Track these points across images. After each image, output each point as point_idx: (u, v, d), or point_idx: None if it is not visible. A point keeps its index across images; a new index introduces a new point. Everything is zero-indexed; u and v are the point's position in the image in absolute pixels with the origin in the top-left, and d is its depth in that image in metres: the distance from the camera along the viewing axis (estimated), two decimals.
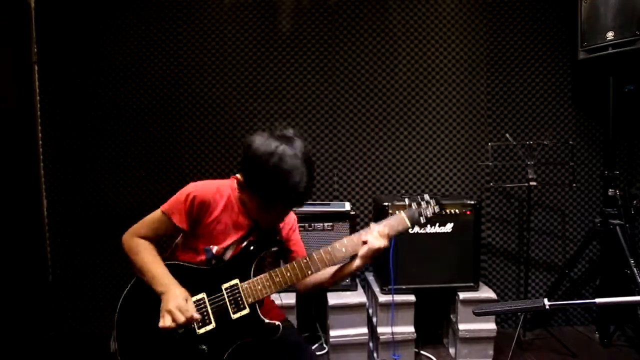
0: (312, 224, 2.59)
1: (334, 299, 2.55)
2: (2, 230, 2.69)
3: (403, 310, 2.55)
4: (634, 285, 2.47)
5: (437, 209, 1.54)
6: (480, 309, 1.18)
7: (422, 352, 2.71)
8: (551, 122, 3.08)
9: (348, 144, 3.05)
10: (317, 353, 2.71)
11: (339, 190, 3.05)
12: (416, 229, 2.57)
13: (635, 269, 2.47)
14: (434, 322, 2.93)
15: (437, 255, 2.59)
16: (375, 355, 2.61)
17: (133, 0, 2.95)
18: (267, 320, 1.36)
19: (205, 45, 2.98)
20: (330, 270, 1.47)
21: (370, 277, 2.90)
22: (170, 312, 1.27)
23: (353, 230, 2.67)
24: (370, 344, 2.69)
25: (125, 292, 1.38)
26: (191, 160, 3.00)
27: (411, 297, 2.56)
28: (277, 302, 2.49)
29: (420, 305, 2.59)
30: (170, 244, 1.58)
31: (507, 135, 3.00)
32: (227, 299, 1.34)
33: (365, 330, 2.54)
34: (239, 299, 1.35)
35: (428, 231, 2.58)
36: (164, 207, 1.41)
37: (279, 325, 1.36)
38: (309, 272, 1.37)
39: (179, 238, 1.53)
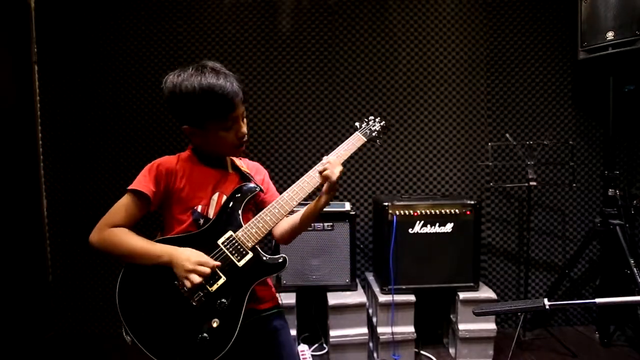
0: (312, 224, 2.58)
1: (334, 299, 2.55)
2: (2, 230, 2.69)
3: (403, 310, 2.55)
4: (634, 285, 2.47)
5: (383, 123, 1.64)
6: (480, 309, 1.18)
7: (422, 352, 2.71)
8: (551, 122, 3.08)
9: None
10: (317, 353, 2.72)
11: (339, 190, 3.05)
12: (416, 229, 2.57)
13: (635, 269, 2.47)
14: (434, 322, 2.93)
15: (437, 255, 2.59)
16: (375, 355, 2.61)
17: (133, 0, 2.96)
18: (271, 256, 1.39)
19: (205, 45, 2.99)
20: (301, 211, 1.49)
21: (370, 277, 2.90)
22: (193, 271, 1.27)
23: (353, 230, 2.67)
24: (370, 344, 2.69)
25: (119, 281, 1.34)
26: None
27: (411, 297, 2.56)
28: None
29: (420, 305, 2.59)
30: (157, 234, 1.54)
31: (507, 135, 3.00)
32: (227, 252, 1.35)
33: (365, 330, 2.54)
34: (239, 247, 1.36)
35: (428, 231, 2.58)
36: (130, 186, 1.38)
37: (284, 258, 1.39)
38: (293, 202, 1.40)
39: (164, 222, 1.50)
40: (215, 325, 1.30)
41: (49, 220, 3.04)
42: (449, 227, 2.59)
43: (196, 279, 1.27)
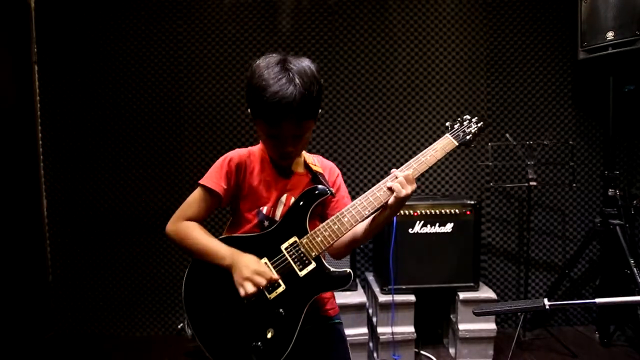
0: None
1: None
2: (2, 230, 2.69)
3: (403, 310, 2.55)
4: (634, 285, 2.47)
5: (481, 124, 1.48)
6: (480, 309, 1.18)
7: (422, 352, 2.71)
8: (551, 122, 3.08)
9: (348, 144, 3.05)
10: None
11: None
12: (416, 229, 2.57)
13: (635, 269, 2.47)
14: (434, 322, 2.93)
15: (437, 255, 2.59)
16: (375, 355, 2.61)
17: (133, 0, 2.96)
18: (335, 269, 1.31)
19: (205, 45, 2.99)
20: (364, 223, 1.39)
21: (370, 277, 2.90)
22: (249, 279, 1.23)
23: None
24: (370, 344, 2.69)
25: (186, 275, 1.33)
26: (191, 160, 3.00)
27: (411, 297, 2.56)
28: None
29: (420, 305, 2.59)
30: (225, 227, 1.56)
31: (507, 135, 3.00)
32: (289, 259, 1.29)
33: (365, 330, 2.54)
34: (302, 255, 1.29)
35: (428, 231, 2.58)
36: (202, 180, 1.35)
37: (349, 272, 1.32)
38: (366, 212, 1.31)
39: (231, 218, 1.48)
40: (269, 335, 1.26)
41: (49, 220, 3.04)
42: (449, 227, 2.59)
43: (250, 288, 1.23)
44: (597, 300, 1.05)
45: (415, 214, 2.58)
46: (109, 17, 2.96)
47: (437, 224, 2.59)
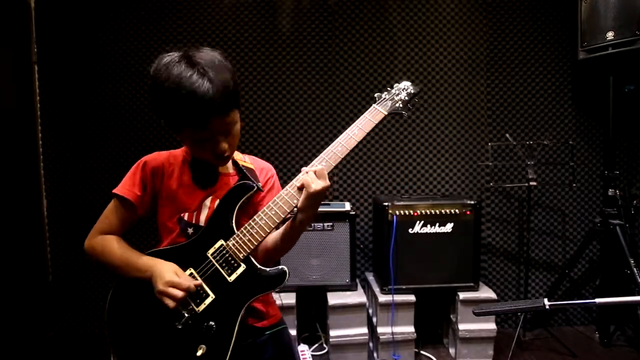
0: (312, 224, 2.59)
1: (334, 299, 2.55)
2: (2, 230, 2.69)
3: (403, 310, 2.55)
4: (634, 285, 2.47)
5: (411, 90, 1.35)
6: (480, 309, 1.18)
7: (422, 352, 2.71)
8: (551, 122, 3.08)
9: None
10: (317, 353, 2.71)
11: (339, 190, 3.05)
12: (416, 229, 2.57)
13: (635, 269, 2.47)
14: (434, 322, 2.93)
15: (437, 255, 2.59)
16: (375, 355, 2.61)
17: (133, 0, 2.95)
18: (268, 268, 1.18)
19: (205, 45, 2.98)
20: (281, 230, 1.26)
21: (370, 277, 2.90)
22: (163, 293, 1.12)
23: (353, 230, 2.67)
24: (370, 344, 2.69)
25: (109, 299, 1.22)
26: None
27: (411, 297, 2.56)
28: (277, 302, 2.49)
29: (420, 305, 2.59)
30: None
31: (507, 135, 3.00)
32: (217, 264, 1.18)
33: (365, 330, 2.54)
34: (230, 258, 1.17)
35: (428, 231, 2.58)
36: (116, 189, 1.26)
37: (284, 269, 1.17)
38: (294, 201, 1.17)
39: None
40: (200, 352, 1.13)
41: (49, 220, 3.04)
42: (449, 227, 2.59)
43: (169, 303, 1.11)
44: (597, 300, 1.05)
45: (415, 214, 2.58)
46: (109, 17, 2.96)
47: (437, 224, 2.59)
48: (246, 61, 3.00)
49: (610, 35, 2.60)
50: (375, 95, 1.35)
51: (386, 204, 2.57)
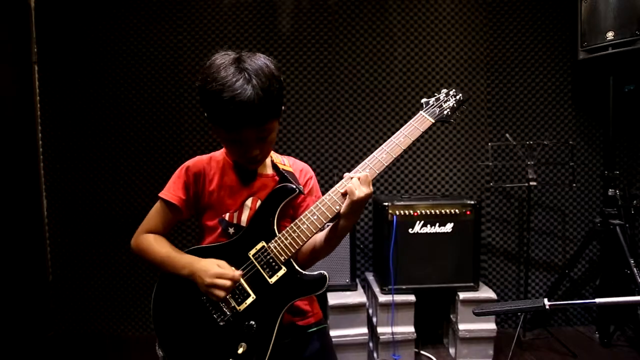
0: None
1: (334, 299, 2.55)
2: (2, 230, 2.69)
3: (403, 310, 2.55)
4: (634, 285, 2.47)
5: (459, 97, 1.31)
6: (480, 309, 1.18)
7: (422, 352, 2.71)
8: (551, 122, 3.08)
9: (348, 144, 3.05)
10: None
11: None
12: (416, 229, 2.57)
13: (635, 269, 2.47)
14: (434, 322, 2.93)
15: (437, 255, 2.59)
16: (375, 355, 2.61)
17: (133, 0, 2.96)
18: (308, 272, 1.22)
19: (205, 45, 2.98)
20: (322, 234, 1.30)
21: (370, 277, 2.90)
22: (211, 285, 1.16)
23: (353, 230, 2.67)
24: (370, 344, 2.69)
25: (154, 291, 1.27)
26: None
27: (411, 297, 2.56)
28: None
29: (420, 305, 2.59)
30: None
31: (507, 135, 3.00)
32: (258, 265, 1.21)
33: (365, 330, 2.54)
34: (271, 260, 1.20)
35: (428, 231, 2.58)
36: (162, 192, 1.31)
37: (324, 274, 1.20)
38: (337, 207, 1.20)
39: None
40: (241, 350, 1.17)
41: (49, 220, 3.04)
42: (449, 227, 2.59)
43: (220, 293, 1.16)
44: (597, 300, 1.05)
45: (415, 214, 2.58)
46: (109, 17, 2.96)
47: (437, 224, 2.59)
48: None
49: (610, 35, 2.60)
50: (422, 101, 1.33)
51: (386, 204, 2.57)
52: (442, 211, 2.58)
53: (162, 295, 1.27)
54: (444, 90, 1.33)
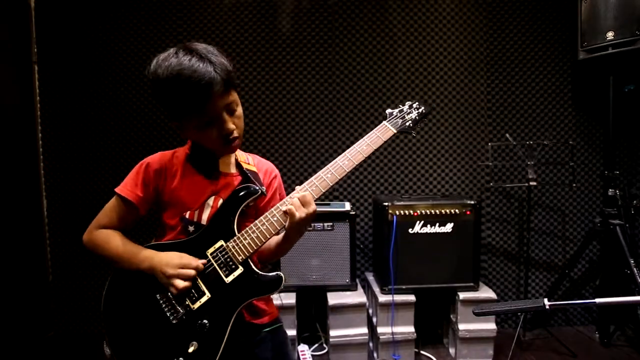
0: (312, 224, 2.59)
1: (334, 299, 2.55)
2: (2, 230, 2.69)
3: (403, 310, 2.55)
4: (634, 285, 2.47)
5: (422, 110, 1.36)
6: (480, 309, 1.18)
7: (422, 352, 2.71)
8: (551, 122, 3.08)
9: (348, 144, 3.03)
10: (317, 353, 2.72)
11: (338, 190, 3.05)
12: (416, 229, 2.57)
13: (635, 269, 2.47)
14: (434, 322, 2.93)
15: (437, 255, 2.59)
16: (375, 355, 2.61)
17: (133, 0, 2.96)
18: (265, 273, 1.21)
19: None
20: (277, 237, 1.30)
21: (370, 277, 2.90)
22: (174, 276, 1.16)
23: (353, 230, 2.67)
24: (370, 344, 2.69)
25: (105, 289, 1.24)
26: None
27: (411, 297, 2.56)
28: (277, 302, 2.49)
29: (420, 305, 2.59)
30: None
31: (507, 135, 3.00)
32: (215, 264, 1.20)
33: (365, 330, 2.54)
34: (228, 260, 1.20)
35: (428, 231, 2.58)
36: (118, 187, 1.29)
37: (280, 275, 1.20)
38: (280, 225, 1.22)
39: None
40: (192, 349, 1.16)
41: (49, 220, 3.04)
42: (449, 227, 2.59)
43: (181, 283, 1.16)
44: (597, 300, 1.05)
45: (415, 214, 2.58)
46: (109, 17, 2.96)
47: (437, 224, 2.59)
48: (246, 61, 3.00)
49: (610, 35, 2.60)
50: (387, 111, 1.37)
51: (386, 204, 2.57)
52: (442, 211, 2.58)
53: (113, 291, 1.25)
54: (408, 103, 1.38)
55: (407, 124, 1.35)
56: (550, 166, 3.08)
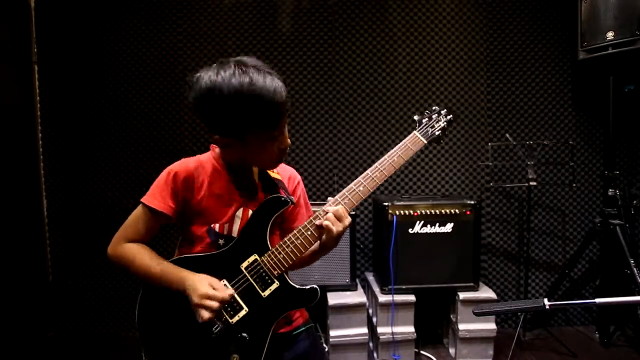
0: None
1: (334, 299, 2.55)
2: (2, 230, 2.69)
3: (403, 310, 2.55)
4: (634, 285, 2.47)
5: (450, 117, 1.35)
6: (480, 309, 1.18)
7: (422, 352, 2.71)
8: (551, 122, 3.08)
9: (348, 144, 3.05)
10: None
11: (338, 190, 3.04)
12: (416, 229, 2.57)
13: (635, 269, 2.47)
14: (434, 322, 2.93)
15: (437, 255, 2.59)
16: (375, 355, 2.61)
17: (133, 0, 2.95)
18: (300, 287, 1.22)
19: (205, 45, 2.98)
20: (310, 249, 1.29)
21: (370, 277, 2.90)
22: (200, 306, 1.13)
23: (353, 230, 2.67)
24: (370, 344, 2.69)
25: (138, 302, 1.23)
26: None
27: (411, 297, 2.56)
28: None
29: (420, 305, 2.59)
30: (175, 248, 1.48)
31: (507, 135, 3.00)
32: (250, 279, 1.19)
33: (365, 330, 2.54)
34: (264, 274, 1.20)
35: (428, 231, 2.58)
36: (144, 198, 1.24)
37: (315, 288, 1.23)
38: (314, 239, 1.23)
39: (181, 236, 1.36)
40: None
41: (49, 220, 3.04)
42: (449, 227, 2.59)
43: (205, 314, 1.12)
44: (597, 300, 1.05)
45: (415, 214, 2.58)
46: (109, 17, 2.96)
47: (437, 224, 2.59)
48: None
49: (610, 35, 2.60)
50: (415, 118, 1.36)
51: (386, 204, 2.57)
52: (442, 211, 2.58)
53: (148, 303, 1.23)
54: (435, 109, 1.36)
55: (437, 133, 1.34)
56: (550, 166, 3.08)
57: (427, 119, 1.35)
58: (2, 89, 2.80)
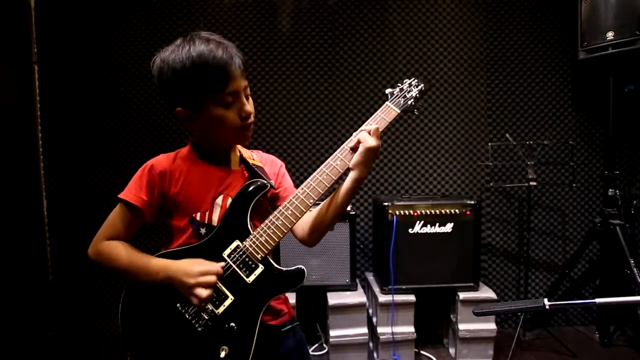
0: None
1: (334, 299, 2.55)
2: (2, 230, 2.69)
3: (403, 310, 2.55)
4: (634, 285, 2.47)
5: (421, 87, 1.34)
6: (480, 309, 1.18)
7: (422, 352, 2.71)
8: (551, 122, 3.08)
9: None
10: (317, 353, 2.72)
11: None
12: (416, 229, 2.57)
13: (635, 269, 2.47)
14: (434, 322, 2.93)
15: (437, 255, 2.59)
16: (375, 355, 2.61)
17: (133, 0, 2.95)
18: (286, 268, 1.19)
19: None
20: (324, 204, 1.26)
21: (370, 277, 2.90)
22: (196, 285, 1.11)
23: (353, 230, 2.67)
24: (370, 344, 2.69)
25: (121, 303, 1.20)
26: None
27: (411, 297, 2.56)
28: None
29: (420, 305, 2.59)
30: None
31: (507, 135, 3.00)
32: (234, 266, 1.17)
33: (365, 330, 2.54)
34: (247, 260, 1.17)
35: (428, 231, 2.58)
36: (122, 193, 1.23)
37: (302, 269, 1.19)
38: (310, 200, 1.18)
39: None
40: (223, 354, 1.14)
41: (49, 220, 3.04)
42: (449, 227, 2.59)
43: (204, 292, 1.11)
44: (597, 300, 1.05)
45: (415, 214, 2.58)
46: (109, 17, 2.96)
47: (437, 224, 2.59)
48: (246, 61, 2.99)
49: (610, 35, 2.60)
50: (386, 91, 1.34)
51: (386, 204, 2.57)
52: (442, 211, 2.58)
53: (130, 305, 1.20)
54: (407, 80, 1.35)
55: (410, 102, 1.33)
56: (550, 166, 3.08)
57: (398, 89, 1.35)
58: (2, 89, 2.80)
